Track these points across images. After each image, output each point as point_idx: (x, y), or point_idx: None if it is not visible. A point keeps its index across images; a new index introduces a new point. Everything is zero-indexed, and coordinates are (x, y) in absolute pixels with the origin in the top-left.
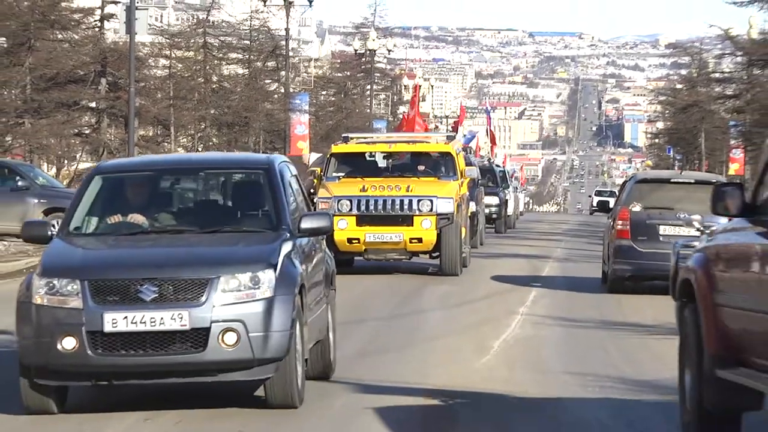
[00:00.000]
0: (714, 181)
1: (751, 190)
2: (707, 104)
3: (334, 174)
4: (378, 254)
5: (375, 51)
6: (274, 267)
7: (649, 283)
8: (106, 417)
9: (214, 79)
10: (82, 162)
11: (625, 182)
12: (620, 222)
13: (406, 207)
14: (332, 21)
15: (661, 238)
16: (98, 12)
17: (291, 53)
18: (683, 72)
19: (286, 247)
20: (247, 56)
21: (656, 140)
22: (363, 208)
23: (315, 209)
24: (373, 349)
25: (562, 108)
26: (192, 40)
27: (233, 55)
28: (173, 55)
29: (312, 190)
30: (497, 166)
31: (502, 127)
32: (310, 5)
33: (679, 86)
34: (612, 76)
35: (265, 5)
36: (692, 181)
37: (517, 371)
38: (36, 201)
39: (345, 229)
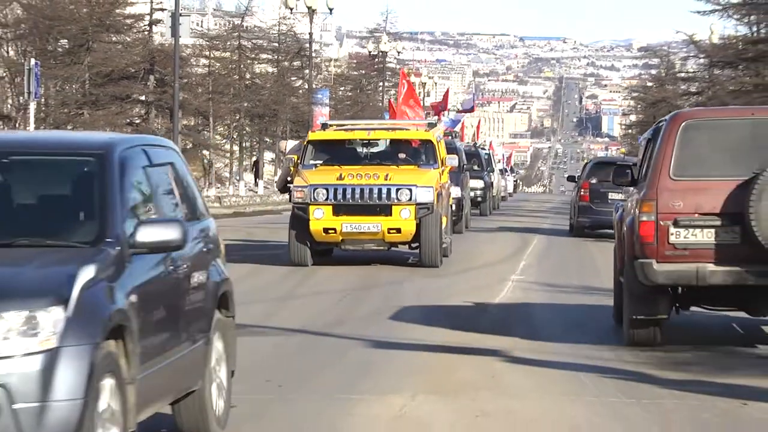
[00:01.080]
0: None
1: (636, 169)
2: (674, 100)
3: (311, 162)
4: (355, 245)
5: (386, 53)
6: (65, 302)
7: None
8: None
9: (247, 76)
10: None
11: (586, 164)
12: (583, 190)
13: (384, 196)
14: (349, 26)
15: (609, 201)
16: (147, 18)
17: (314, 54)
18: (653, 72)
19: (93, 271)
20: (275, 57)
21: (629, 131)
22: (339, 197)
23: (293, 197)
24: (387, 308)
25: (548, 103)
26: (228, 43)
27: (264, 56)
28: (212, 56)
29: (289, 178)
30: (482, 149)
31: (496, 119)
32: (330, 13)
33: (649, 84)
34: (591, 75)
35: (291, 13)
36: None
37: (510, 328)
38: None
39: (321, 218)
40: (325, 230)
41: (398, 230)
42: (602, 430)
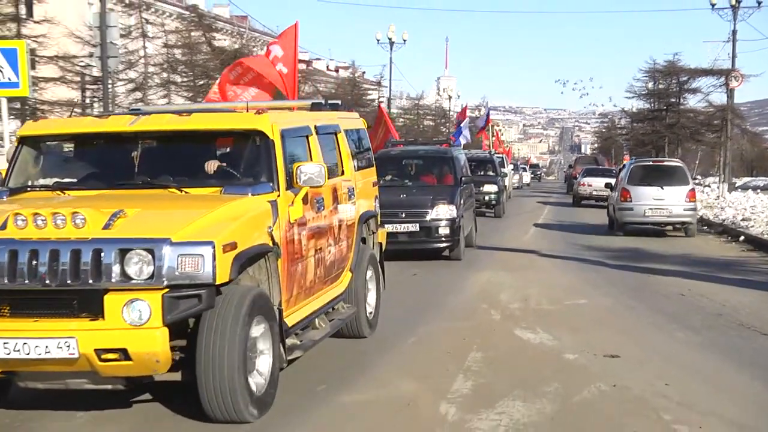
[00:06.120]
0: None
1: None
2: (616, 138)
3: (21, 182)
4: (38, 380)
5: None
6: None
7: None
8: None
9: (422, 128)
10: None
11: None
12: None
13: (85, 271)
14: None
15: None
16: (377, 99)
17: (450, 116)
18: (605, 125)
19: None
20: (435, 118)
21: (595, 152)
22: None
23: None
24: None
25: (557, 138)
26: (412, 111)
27: (429, 116)
28: (407, 118)
29: None
30: (496, 155)
31: (534, 146)
32: (458, 98)
33: (603, 131)
34: (576, 126)
35: (440, 97)
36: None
37: (541, 242)
38: None
39: None
40: None
41: (123, 353)
42: (581, 288)
